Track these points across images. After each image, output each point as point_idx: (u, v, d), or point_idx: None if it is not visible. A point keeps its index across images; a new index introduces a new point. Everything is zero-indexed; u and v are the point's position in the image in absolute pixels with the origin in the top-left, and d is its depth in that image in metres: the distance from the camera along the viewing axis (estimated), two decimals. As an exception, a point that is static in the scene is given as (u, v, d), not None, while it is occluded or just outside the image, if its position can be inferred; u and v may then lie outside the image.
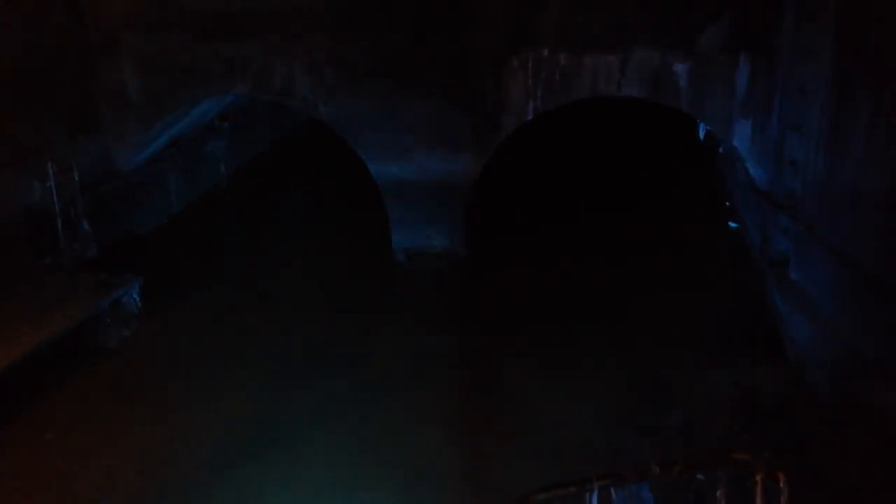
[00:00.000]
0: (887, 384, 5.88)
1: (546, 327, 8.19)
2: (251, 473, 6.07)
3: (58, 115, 8.86)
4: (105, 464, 6.21)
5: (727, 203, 11.03)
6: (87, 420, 6.75)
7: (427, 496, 5.84)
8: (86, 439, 6.50)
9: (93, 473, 6.10)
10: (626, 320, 8.26)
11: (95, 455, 6.31)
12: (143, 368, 7.53)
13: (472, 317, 8.55)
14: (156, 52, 9.26)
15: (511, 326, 8.26)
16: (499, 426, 6.70)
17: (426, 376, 7.34)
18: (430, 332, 8.14)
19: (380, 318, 8.59)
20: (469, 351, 7.88)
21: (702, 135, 12.83)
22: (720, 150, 11.72)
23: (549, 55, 8.59)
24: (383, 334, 8.21)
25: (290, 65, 9.09)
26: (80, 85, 9.20)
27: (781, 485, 3.94)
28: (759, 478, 3.97)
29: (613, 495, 3.81)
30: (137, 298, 8.15)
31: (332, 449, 6.37)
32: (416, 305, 8.80)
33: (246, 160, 12.41)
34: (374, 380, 7.33)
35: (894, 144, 5.95)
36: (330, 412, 6.83)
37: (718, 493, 4.11)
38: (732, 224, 10.43)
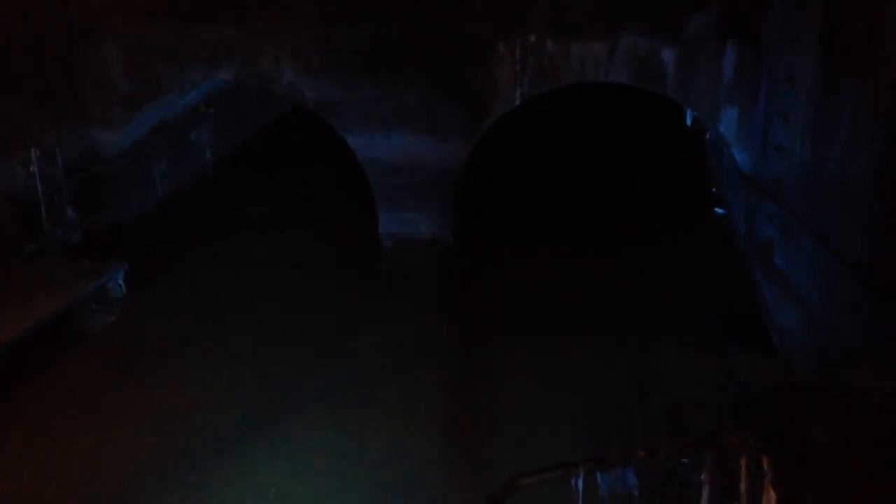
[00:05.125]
0: (871, 370, 5.93)
1: (533, 315, 8.20)
2: (234, 461, 6.07)
3: (41, 101, 8.78)
4: (88, 449, 6.19)
5: (714, 189, 11.07)
6: (70, 405, 6.72)
7: (416, 481, 5.85)
8: (69, 425, 6.47)
9: (76, 458, 6.08)
10: (612, 307, 8.29)
11: (79, 440, 6.29)
12: (127, 354, 7.50)
13: (459, 304, 8.56)
14: (139, 37, 9.17)
15: (498, 314, 8.27)
16: (486, 412, 6.71)
17: (413, 364, 7.35)
18: (417, 320, 8.14)
19: (366, 304, 8.59)
20: (456, 338, 7.89)
21: (689, 121, 12.85)
22: (707, 136, 11.75)
23: (537, 41, 8.57)
24: (370, 321, 8.21)
25: (275, 50, 9.03)
26: (64, 70, 9.11)
27: (765, 468, 3.98)
28: (743, 462, 4.01)
29: (599, 479, 3.84)
30: (122, 284, 8.11)
31: (319, 436, 6.37)
32: (403, 292, 8.80)
33: (232, 146, 12.33)
34: (361, 367, 7.32)
35: (878, 133, 5.97)
36: (316, 399, 6.82)
37: (703, 476, 4.15)
38: (719, 210, 10.47)
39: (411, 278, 9.09)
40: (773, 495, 4.00)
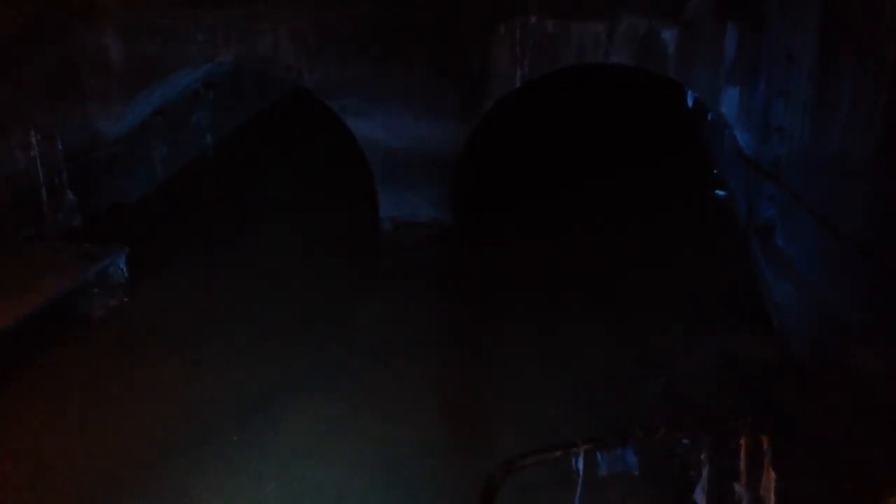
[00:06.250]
0: (869, 350, 5.95)
1: (533, 295, 8.21)
2: (237, 442, 6.10)
3: (41, 84, 8.75)
4: (92, 434, 6.21)
5: (714, 171, 11.05)
6: (74, 390, 6.73)
7: (416, 462, 5.89)
8: (73, 409, 6.49)
9: (80, 443, 6.10)
10: (612, 288, 8.29)
11: (82, 425, 6.31)
12: (130, 338, 7.50)
13: (460, 286, 8.57)
14: (137, 18, 9.13)
15: (498, 295, 8.28)
16: (486, 392, 6.74)
17: (414, 344, 7.36)
18: (417, 301, 8.15)
19: (367, 286, 8.59)
20: (456, 319, 7.90)
21: (690, 102, 12.81)
22: (708, 117, 11.72)
23: (537, 22, 8.53)
24: (370, 303, 8.21)
25: (274, 32, 8.99)
26: (62, 52, 9.06)
27: (765, 448, 4.00)
28: (742, 441, 4.03)
29: (598, 459, 3.86)
30: (124, 268, 8.11)
31: (321, 417, 6.40)
32: (404, 274, 8.80)
33: (231, 129, 12.31)
34: (362, 348, 7.34)
35: (878, 113, 5.95)
36: (319, 380, 6.84)
37: (702, 456, 4.17)
38: (719, 192, 10.46)
39: (412, 260, 9.09)
40: (772, 475, 4.03)
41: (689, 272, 8.49)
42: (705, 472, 4.21)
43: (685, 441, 4.34)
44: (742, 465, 4.05)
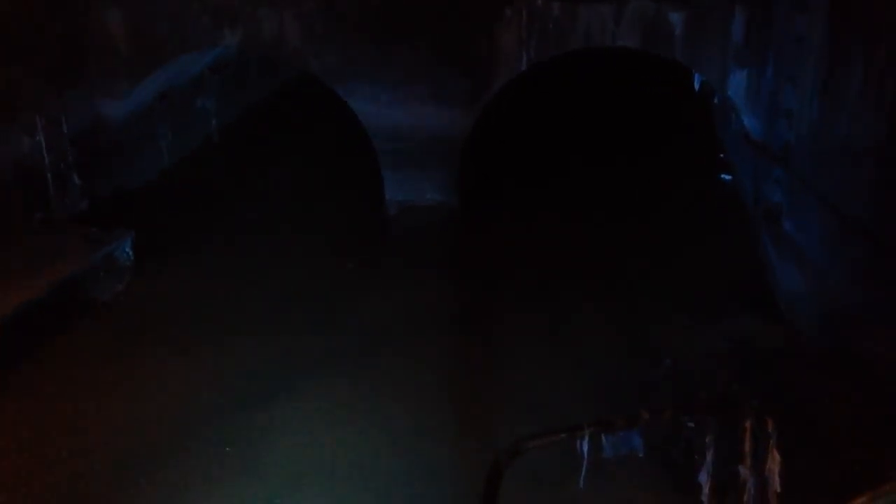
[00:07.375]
0: (875, 335, 5.94)
1: (539, 279, 8.20)
2: (242, 425, 6.12)
3: (46, 68, 8.74)
4: (98, 418, 6.24)
5: (721, 155, 10.99)
6: (81, 373, 6.77)
7: (420, 445, 5.91)
8: (80, 392, 6.52)
9: (86, 427, 6.13)
10: (618, 273, 8.28)
11: (89, 408, 6.34)
12: (136, 322, 7.53)
13: (465, 270, 8.56)
14: (144, 3, 9.10)
15: (503, 280, 8.28)
16: (491, 376, 6.75)
17: (419, 328, 7.37)
18: (424, 285, 8.15)
19: (373, 271, 8.60)
20: (461, 304, 7.91)
21: (697, 85, 12.72)
22: (715, 100, 11.64)
23: (543, 5, 8.48)
24: (377, 287, 8.22)
25: (279, 16, 8.95)
26: (68, 37, 9.04)
27: (770, 431, 4.00)
28: (747, 424, 4.03)
29: (604, 441, 3.86)
30: (130, 252, 8.12)
31: (327, 400, 6.42)
32: (409, 258, 8.80)
33: (237, 113, 12.27)
34: (367, 331, 7.35)
35: (886, 97, 5.91)
36: (324, 363, 6.86)
37: (707, 439, 4.17)
38: (725, 176, 10.41)
39: (417, 244, 9.08)
40: (777, 457, 4.02)
41: (695, 257, 8.46)
42: (710, 454, 4.21)
43: (690, 424, 4.35)
44: (747, 447, 4.05)
